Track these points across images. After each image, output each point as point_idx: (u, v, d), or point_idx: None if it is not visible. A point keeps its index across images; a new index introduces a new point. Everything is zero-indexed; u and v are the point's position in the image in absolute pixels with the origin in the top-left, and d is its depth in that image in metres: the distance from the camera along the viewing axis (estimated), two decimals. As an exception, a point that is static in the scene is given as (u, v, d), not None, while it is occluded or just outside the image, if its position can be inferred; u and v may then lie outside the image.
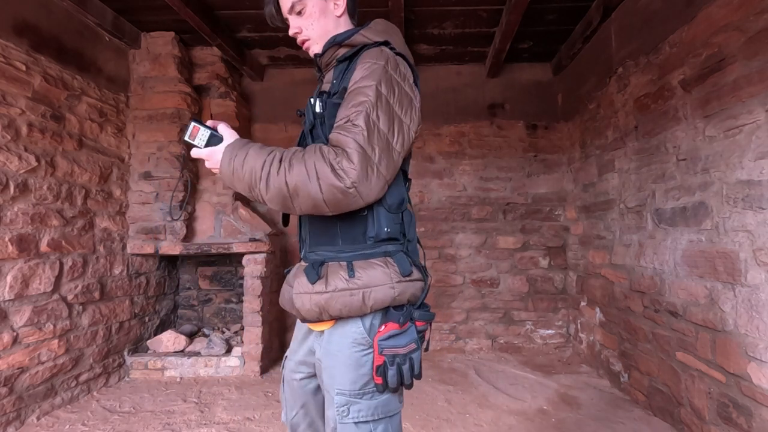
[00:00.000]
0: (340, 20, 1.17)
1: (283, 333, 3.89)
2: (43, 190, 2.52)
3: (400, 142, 1.00)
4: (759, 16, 1.76)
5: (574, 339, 3.75)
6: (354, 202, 0.95)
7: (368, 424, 1.00)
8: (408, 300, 1.04)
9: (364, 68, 1.01)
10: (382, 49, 1.05)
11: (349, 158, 0.91)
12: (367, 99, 0.96)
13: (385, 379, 0.99)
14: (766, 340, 1.75)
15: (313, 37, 1.16)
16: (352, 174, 0.91)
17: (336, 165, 0.91)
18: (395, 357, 0.99)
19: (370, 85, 0.97)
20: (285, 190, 0.93)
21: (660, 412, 2.46)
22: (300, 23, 1.15)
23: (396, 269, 1.02)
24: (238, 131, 3.82)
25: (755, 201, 1.78)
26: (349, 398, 1.01)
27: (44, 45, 2.55)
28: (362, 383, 1.01)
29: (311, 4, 1.13)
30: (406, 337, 1.00)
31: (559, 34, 3.47)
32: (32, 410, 2.45)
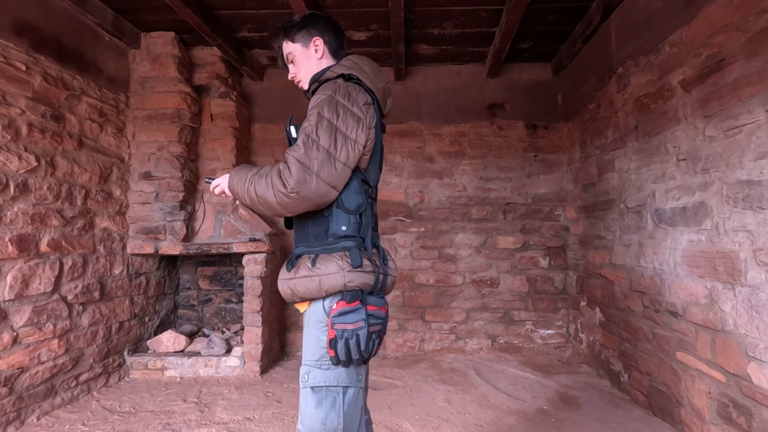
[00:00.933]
0: (322, 61, 1.45)
1: (283, 333, 3.89)
2: (43, 190, 2.51)
3: (344, 154, 1.22)
4: (759, 16, 1.76)
5: (574, 339, 3.75)
6: (300, 203, 1.21)
7: (321, 390, 1.21)
8: (358, 287, 1.23)
9: (314, 99, 1.28)
10: (336, 81, 1.30)
11: (289, 170, 1.18)
12: (308, 123, 1.22)
13: (336, 352, 1.19)
14: (766, 340, 1.75)
15: (303, 78, 1.47)
16: (290, 182, 1.17)
17: (282, 176, 1.19)
18: (344, 332, 1.18)
19: (313, 112, 1.24)
20: (255, 198, 1.24)
21: (660, 412, 2.46)
22: (293, 69, 1.48)
23: (347, 261, 1.23)
24: (238, 131, 3.77)
25: (755, 201, 1.78)
26: (309, 367, 1.24)
27: (44, 45, 2.54)
28: (320, 355, 1.24)
29: (297, 53, 1.45)
30: (355, 316, 1.20)
31: (559, 34, 3.47)
32: (32, 410, 2.45)
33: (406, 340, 3.88)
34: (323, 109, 1.23)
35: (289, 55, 1.47)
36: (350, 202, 1.27)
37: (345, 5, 2.99)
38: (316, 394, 1.21)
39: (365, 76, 1.35)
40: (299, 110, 3.99)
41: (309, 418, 1.21)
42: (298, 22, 1.45)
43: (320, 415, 1.20)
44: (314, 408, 1.21)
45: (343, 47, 1.50)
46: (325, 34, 1.45)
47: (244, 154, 3.85)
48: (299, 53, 1.45)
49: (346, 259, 1.23)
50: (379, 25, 3.25)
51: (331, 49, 1.46)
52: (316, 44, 1.44)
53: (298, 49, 1.45)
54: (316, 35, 1.44)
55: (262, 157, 4.00)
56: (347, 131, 1.23)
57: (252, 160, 4.00)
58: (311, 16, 1.47)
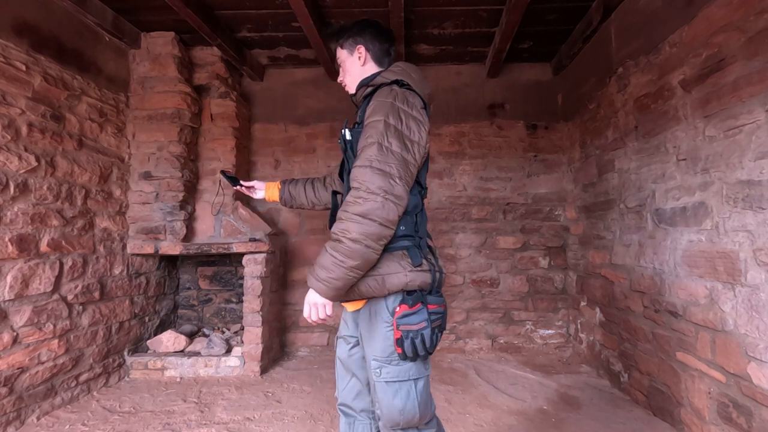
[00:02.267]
0: (365, 67, 1.52)
1: (283, 333, 3.89)
2: (43, 190, 2.51)
3: (412, 157, 1.28)
4: (759, 16, 1.76)
5: (574, 339, 3.75)
6: (396, 207, 1.22)
7: (395, 383, 1.30)
8: (419, 286, 1.29)
9: (374, 105, 1.32)
10: (392, 87, 1.35)
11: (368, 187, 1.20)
12: (376, 131, 1.26)
13: (403, 350, 1.26)
14: (766, 340, 1.75)
15: (348, 83, 1.55)
16: (380, 191, 1.20)
17: (361, 199, 1.20)
18: (409, 332, 1.25)
19: (379, 119, 1.27)
20: (360, 246, 1.20)
21: (660, 412, 2.46)
22: (341, 73, 1.57)
23: (408, 261, 1.29)
24: (238, 131, 3.77)
25: (755, 201, 1.78)
26: (380, 363, 1.31)
27: (44, 45, 2.54)
28: (389, 352, 1.30)
29: (344, 60, 1.54)
30: (418, 316, 1.26)
31: (559, 34, 3.47)
32: (32, 410, 2.45)
33: (406, 340, 3.87)
34: (388, 117, 1.27)
35: (338, 60, 1.57)
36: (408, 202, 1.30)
37: (345, 5, 2.99)
38: (391, 387, 1.30)
39: (413, 82, 1.40)
40: (299, 110, 4.00)
41: (387, 408, 1.31)
42: (348, 29, 1.54)
43: (398, 406, 1.29)
44: (392, 399, 1.30)
45: (389, 54, 1.55)
46: (369, 42, 1.51)
47: (244, 154, 3.85)
48: (346, 59, 1.54)
49: (407, 259, 1.29)
50: (379, 25, 3.25)
51: (374, 56, 1.52)
52: (359, 52, 1.51)
53: (345, 55, 1.54)
54: (360, 43, 1.51)
55: (262, 157, 4.00)
56: (411, 135, 1.29)
57: (252, 160, 4.00)
58: (360, 24, 1.54)
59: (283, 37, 3.46)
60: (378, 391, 1.32)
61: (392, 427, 1.32)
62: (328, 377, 3.22)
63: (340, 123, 3.98)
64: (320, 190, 1.78)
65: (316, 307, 1.27)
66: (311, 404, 2.72)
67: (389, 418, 1.31)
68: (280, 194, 1.83)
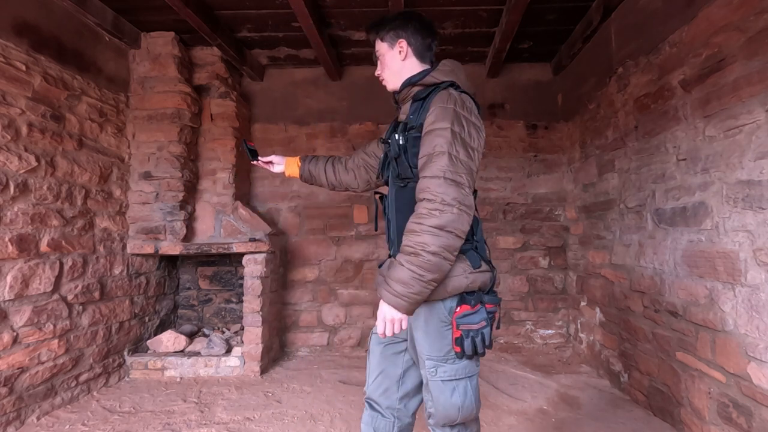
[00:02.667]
0: (406, 62, 1.46)
1: (283, 333, 3.89)
2: (43, 190, 2.51)
3: (474, 164, 1.30)
4: (759, 16, 1.76)
5: (574, 339, 3.75)
6: (468, 217, 1.24)
7: (452, 382, 1.31)
8: (478, 287, 1.32)
9: (436, 111, 1.28)
10: (450, 92, 1.32)
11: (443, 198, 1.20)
12: (444, 139, 1.24)
13: (462, 348, 1.28)
14: (766, 340, 1.75)
15: (386, 77, 1.51)
16: (455, 203, 1.20)
17: (437, 211, 1.20)
18: (469, 331, 1.28)
19: (446, 127, 1.25)
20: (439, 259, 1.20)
21: (660, 412, 2.46)
22: (379, 67, 1.52)
23: (468, 263, 1.31)
24: (238, 131, 3.77)
25: (755, 201, 1.78)
26: (436, 362, 1.31)
27: (44, 45, 2.54)
28: (445, 351, 1.31)
29: (384, 53, 1.48)
30: (478, 316, 1.29)
31: (559, 34, 3.47)
32: (32, 410, 2.45)
33: (406, 340, 3.87)
34: (453, 124, 1.26)
35: (377, 53, 1.51)
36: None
37: (345, 5, 2.99)
38: (447, 385, 1.31)
39: (462, 83, 1.38)
40: (299, 110, 4.00)
41: (444, 405, 1.32)
42: (389, 21, 1.47)
43: (456, 403, 1.31)
44: (449, 397, 1.31)
45: (431, 49, 1.50)
46: (411, 36, 1.45)
47: (243, 154, 3.85)
48: (385, 53, 1.48)
49: (466, 262, 1.31)
50: (379, 25, 3.25)
51: (416, 51, 1.46)
52: (400, 46, 1.45)
53: (385, 49, 1.48)
54: (402, 37, 1.45)
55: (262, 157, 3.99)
56: (472, 142, 1.29)
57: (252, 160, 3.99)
58: (402, 16, 1.48)
59: (283, 37, 3.46)
60: (433, 390, 1.33)
61: (446, 424, 1.35)
62: (328, 377, 3.22)
63: (340, 123, 3.99)
64: (341, 173, 1.76)
65: (392, 322, 1.24)
66: (311, 404, 2.72)
67: (445, 415, 1.32)
68: (300, 171, 1.80)
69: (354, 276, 3.93)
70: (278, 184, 3.98)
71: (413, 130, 1.34)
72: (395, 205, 1.40)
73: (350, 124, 4.00)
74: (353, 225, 3.95)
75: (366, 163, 1.72)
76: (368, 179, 1.74)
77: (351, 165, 1.75)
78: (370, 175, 1.72)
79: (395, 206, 1.40)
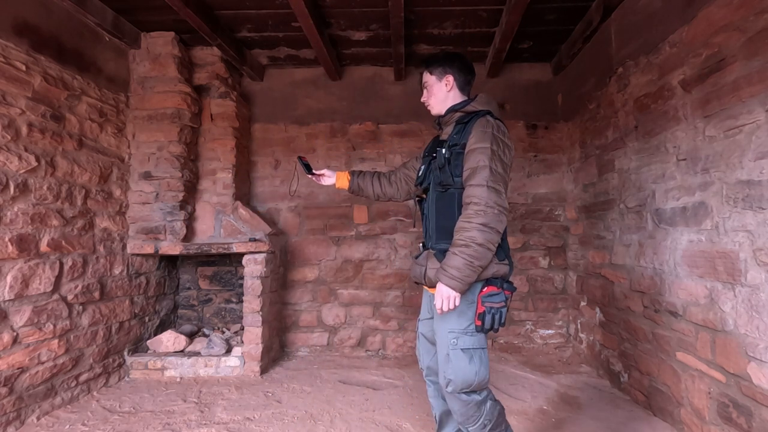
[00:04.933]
0: (450, 93, 1.82)
1: (283, 333, 3.89)
2: (43, 190, 2.51)
3: (508, 175, 1.66)
4: (759, 16, 1.76)
5: (574, 339, 3.75)
6: (504, 216, 1.58)
7: (470, 350, 1.61)
8: (503, 275, 1.64)
9: (478, 134, 1.63)
10: (488, 119, 1.67)
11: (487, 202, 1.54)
12: (485, 156, 1.59)
13: (483, 322, 1.59)
14: (766, 340, 1.75)
15: (432, 104, 1.86)
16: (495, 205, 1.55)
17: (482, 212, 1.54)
18: (491, 308, 1.58)
19: (486, 146, 1.60)
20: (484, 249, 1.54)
21: (660, 412, 2.46)
22: (426, 94, 1.88)
23: (495, 256, 1.60)
24: (238, 131, 3.78)
25: (755, 201, 1.78)
26: (457, 334, 1.62)
27: (44, 45, 2.54)
28: (466, 325, 1.62)
29: (431, 84, 1.84)
30: (499, 297, 1.60)
31: (559, 34, 3.47)
32: (32, 410, 2.45)
33: (406, 340, 3.88)
34: (492, 144, 1.60)
35: (425, 83, 1.85)
36: None
37: (345, 5, 2.99)
38: (466, 354, 1.60)
39: (494, 110, 1.74)
40: (299, 110, 4.01)
41: (462, 371, 1.59)
42: (440, 59, 1.82)
43: (473, 369, 1.59)
44: (467, 364, 1.59)
45: (470, 84, 1.86)
46: (457, 73, 1.81)
47: (244, 154, 3.85)
48: (433, 84, 1.83)
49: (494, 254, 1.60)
50: (379, 25, 3.25)
51: (459, 85, 1.82)
52: (447, 80, 1.81)
53: (433, 80, 1.82)
54: (449, 73, 1.80)
55: (262, 157, 4.00)
56: (505, 158, 1.64)
57: (252, 160, 3.99)
58: (451, 56, 1.82)
59: (283, 37, 3.46)
60: (453, 359, 1.61)
61: (463, 389, 1.60)
62: (328, 377, 3.22)
63: (340, 123, 3.99)
64: (386, 186, 2.10)
65: (449, 299, 1.54)
66: (311, 404, 2.72)
67: (464, 380, 1.59)
68: (350, 184, 2.12)
69: (354, 276, 3.93)
70: (278, 184, 3.98)
71: (456, 146, 1.67)
72: (436, 207, 1.73)
73: (350, 124, 4.00)
74: (353, 225, 3.95)
75: (407, 176, 2.07)
76: (408, 190, 2.09)
77: (394, 179, 2.10)
78: (410, 186, 2.07)
79: (435, 207, 1.73)
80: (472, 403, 1.62)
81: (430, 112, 1.88)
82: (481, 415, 1.63)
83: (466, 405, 1.62)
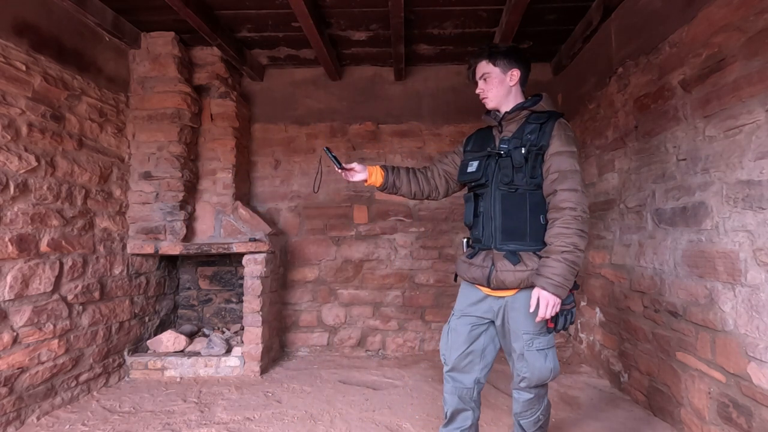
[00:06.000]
0: (512, 89, 1.73)
1: (283, 333, 3.89)
2: (43, 190, 2.51)
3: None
4: (759, 16, 1.76)
5: (574, 339, 3.75)
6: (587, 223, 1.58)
7: (544, 350, 1.65)
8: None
9: (563, 137, 1.61)
10: (565, 122, 1.66)
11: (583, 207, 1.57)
12: (575, 160, 1.60)
13: (555, 323, 1.61)
14: (766, 340, 1.75)
15: (490, 97, 1.74)
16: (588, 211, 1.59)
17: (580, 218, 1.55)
18: (563, 310, 1.60)
19: (573, 150, 1.60)
20: (582, 254, 1.56)
21: (660, 412, 2.46)
22: (484, 86, 1.75)
23: None
24: (238, 131, 3.78)
25: (755, 201, 1.78)
26: (532, 335, 1.64)
27: (44, 45, 2.54)
28: (540, 326, 1.64)
29: (494, 76, 1.72)
30: (570, 299, 1.62)
31: (559, 34, 3.47)
32: (32, 410, 2.45)
33: (406, 340, 3.88)
34: (573, 148, 1.61)
35: (485, 74, 1.72)
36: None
37: (345, 5, 2.99)
38: (542, 353, 1.64)
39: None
40: (299, 110, 4.01)
41: (540, 369, 1.64)
42: (504, 51, 1.71)
43: (549, 366, 1.65)
44: (543, 362, 1.64)
45: (527, 82, 1.79)
46: (523, 68, 1.73)
47: (244, 154, 3.85)
48: (496, 76, 1.71)
49: None
50: (379, 25, 3.25)
51: (521, 81, 1.75)
52: (513, 74, 1.72)
53: (497, 72, 1.71)
54: (515, 67, 1.71)
55: (262, 157, 4.00)
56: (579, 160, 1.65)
57: (252, 160, 3.99)
58: (516, 49, 1.74)
59: (283, 37, 3.46)
60: (529, 358, 1.64)
61: (537, 384, 1.67)
62: (328, 377, 3.22)
63: (340, 123, 3.99)
64: (423, 183, 1.94)
65: (554, 306, 1.54)
66: (311, 404, 2.72)
67: (540, 377, 1.65)
68: (384, 181, 1.91)
69: (354, 276, 3.93)
70: (278, 184, 3.98)
71: (534, 148, 1.62)
72: (501, 207, 1.67)
73: (350, 124, 4.00)
74: (353, 225, 3.95)
75: (446, 173, 1.94)
76: (448, 187, 1.97)
77: (431, 175, 1.95)
78: (450, 183, 1.96)
79: (501, 208, 1.67)
80: (537, 396, 1.71)
81: (486, 105, 1.77)
82: (540, 408, 1.73)
83: (532, 397, 1.70)
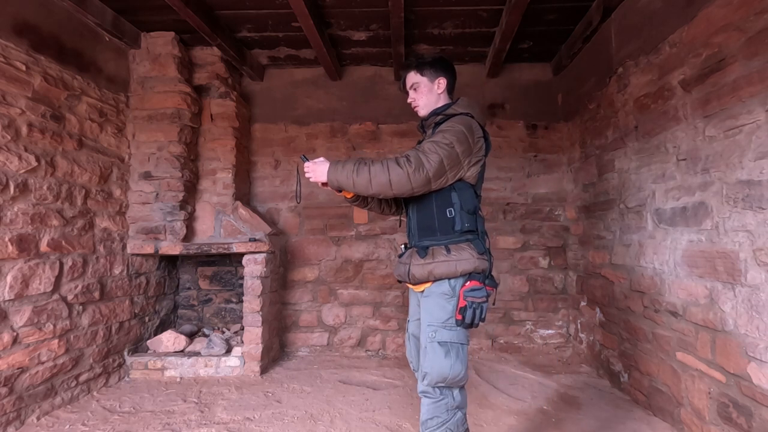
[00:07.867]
0: (440, 96, 1.81)
1: (283, 333, 3.89)
2: (43, 190, 2.51)
3: (453, 171, 1.61)
4: (759, 16, 1.76)
5: (574, 339, 3.75)
6: (407, 186, 1.55)
7: (447, 344, 1.58)
8: (483, 270, 1.62)
9: (448, 125, 1.64)
10: (464, 117, 1.67)
11: (409, 162, 1.55)
12: (438, 140, 1.59)
13: (463, 317, 1.57)
14: (766, 340, 1.75)
15: (421, 105, 1.82)
16: (408, 168, 1.54)
17: (400, 163, 1.55)
18: (473, 303, 1.58)
19: (447, 141, 1.58)
20: (366, 177, 1.56)
21: (660, 412, 2.46)
22: (414, 95, 1.83)
23: (475, 250, 1.62)
24: (238, 131, 3.80)
25: (755, 201, 1.78)
26: (436, 327, 1.60)
27: (44, 45, 2.54)
28: (445, 319, 1.60)
29: (423, 85, 1.80)
30: (481, 293, 1.59)
31: (559, 34, 3.47)
32: (32, 410, 2.45)
33: (406, 340, 3.87)
34: (452, 135, 1.60)
35: (414, 84, 1.81)
36: (468, 205, 1.65)
37: (345, 5, 2.99)
38: (443, 348, 1.58)
39: (476, 114, 1.73)
40: (299, 110, 4.01)
41: (438, 365, 1.57)
42: (430, 61, 1.80)
43: (449, 363, 1.56)
44: (443, 358, 1.57)
45: (454, 88, 1.86)
46: (449, 76, 1.82)
47: (244, 154, 3.85)
48: (424, 85, 1.80)
49: (473, 248, 1.62)
50: (379, 25, 3.25)
51: (448, 88, 1.83)
52: (440, 82, 1.79)
53: (424, 82, 1.80)
54: (442, 75, 1.80)
55: (262, 157, 4.00)
56: (461, 155, 1.60)
57: (252, 160, 4.00)
58: (441, 59, 1.82)
59: (283, 37, 3.46)
60: (430, 352, 1.59)
61: (438, 382, 1.58)
62: (328, 377, 3.22)
63: (340, 123, 3.99)
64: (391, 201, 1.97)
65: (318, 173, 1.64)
66: (311, 404, 2.72)
67: (439, 373, 1.56)
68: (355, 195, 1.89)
69: (354, 276, 3.93)
70: (278, 184, 3.98)
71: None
72: (416, 206, 1.73)
73: (350, 124, 4.00)
74: (353, 225, 3.95)
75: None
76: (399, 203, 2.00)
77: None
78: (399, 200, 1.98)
79: (416, 207, 1.73)
80: (442, 404, 1.58)
81: (418, 113, 1.84)
82: (447, 420, 1.58)
83: (435, 403, 1.58)
